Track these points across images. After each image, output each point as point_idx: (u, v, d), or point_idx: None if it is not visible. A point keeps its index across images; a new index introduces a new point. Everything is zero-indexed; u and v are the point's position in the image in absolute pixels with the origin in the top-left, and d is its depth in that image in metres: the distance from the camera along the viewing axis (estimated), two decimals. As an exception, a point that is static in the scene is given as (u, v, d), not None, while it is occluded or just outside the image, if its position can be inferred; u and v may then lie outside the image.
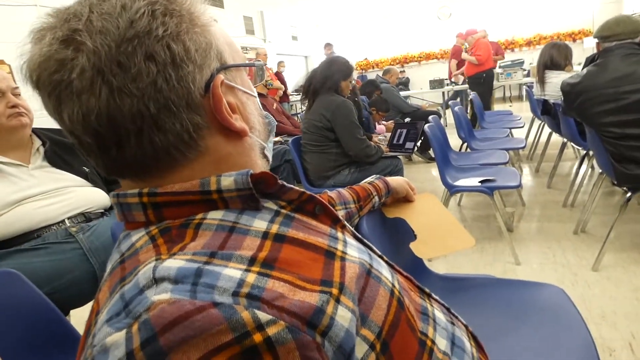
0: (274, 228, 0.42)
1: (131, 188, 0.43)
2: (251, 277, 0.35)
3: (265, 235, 0.41)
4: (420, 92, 7.81)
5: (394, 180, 1.02)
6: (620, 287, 1.77)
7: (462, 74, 6.21)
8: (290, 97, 7.80)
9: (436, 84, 6.77)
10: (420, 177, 4.00)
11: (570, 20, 9.06)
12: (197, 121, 0.42)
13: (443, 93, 6.80)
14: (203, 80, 0.42)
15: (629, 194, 1.87)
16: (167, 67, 0.39)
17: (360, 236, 0.52)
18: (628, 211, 2.20)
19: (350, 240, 0.49)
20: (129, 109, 0.38)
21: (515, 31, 8.89)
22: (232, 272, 0.34)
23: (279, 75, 7.12)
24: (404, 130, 2.73)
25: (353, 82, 2.42)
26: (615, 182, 1.92)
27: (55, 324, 0.75)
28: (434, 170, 4.05)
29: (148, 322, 0.30)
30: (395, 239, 1.03)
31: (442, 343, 0.48)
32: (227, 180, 0.42)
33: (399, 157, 2.54)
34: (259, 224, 0.42)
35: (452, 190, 2.18)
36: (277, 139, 3.68)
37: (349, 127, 2.25)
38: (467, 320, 1.05)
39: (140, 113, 0.39)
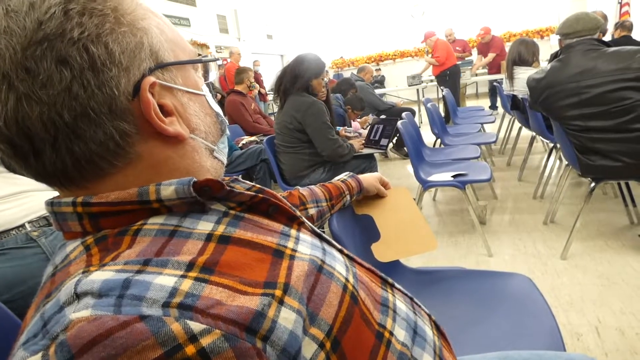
0: (220, 229, 0.41)
1: (65, 196, 0.41)
2: (186, 285, 0.33)
3: (209, 237, 0.39)
4: (396, 89, 7.90)
5: (365, 179, 1.01)
6: (586, 275, 1.83)
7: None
8: (267, 96, 7.76)
9: (414, 80, 6.85)
10: (396, 173, 4.05)
11: (538, 18, 9.43)
12: (123, 128, 0.39)
13: (417, 90, 6.88)
14: (130, 84, 0.38)
15: (592, 184, 1.94)
16: (85, 72, 0.36)
17: (318, 231, 0.52)
18: (593, 201, 2.29)
19: (305, 236, 0.48)
20: (39, 117, 0.35)
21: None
22: (164, 281, 0.32)
23: (256, 75, 7.08)
24: (381, 126, 2.74)
25: (326, 80, 2.39)
26: (580, 173, 1.99)
27: (16, 334, 0.73)
28: (409, 167, 4.10)
29: (65, 343, 0.28)
30: (365, 234, 1.04)
31: (401, 334, 0.48)
32: (168, 190, 0.40)
33: (374, 155, 2.54)
34: (204, 225, 0.41)
35: (425, 185, 2.21)
36: (253, 138, 3.66)
37: (320, 128, 2.22)
38: (438, 311, 1.07)
39: (53, 122, 0.36)
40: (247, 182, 0.52)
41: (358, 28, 11.15)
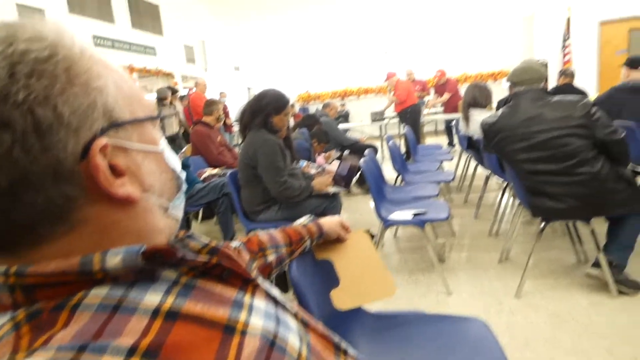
0: (169, 302, 0.38)
1: None
2: None
3: (155, 313, 0.37)
4: (360, 124, 8.12)
5: (326, 223, 1.01)
6: (539, 313, 1.89)
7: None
8: (233, 127, 7.75)
9: (377, 116, 7.07)
10: (358, 208, 4.09)
11: (492, 62, 10.18)
12: (68, 192, 0.36)
13: (380, 126, 7.10)
14: (80, 145, 0.37)
15: (542, 224, 2.04)
16: (28, 136, 0.34)
17: (273, 293, 0.51)
18: (543, 239, 2.40)
19: (259, 302, 0.46)
20: None
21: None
22: None
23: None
24: (349, 164, 2.67)
25: (288, 116, 2.38)
26: (532, 214, 2.09)
27: None
28: (371, 202, 4.16)
29: None
30: (325, 281, 1.03)
31: None
32: (114, 260, 0.37)
33: (338, 193, 2.52)
34: (152, 298, 0.38)
35: (386, 223, 2.25)
36: (216, 171, 3.62)
37: (268, 168, 2.19)
38: (397, 357, 1.07)
39: None
40: (203, 237, 0.50)
41: (324, 64, 11.52)
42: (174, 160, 0.49)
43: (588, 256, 2.35)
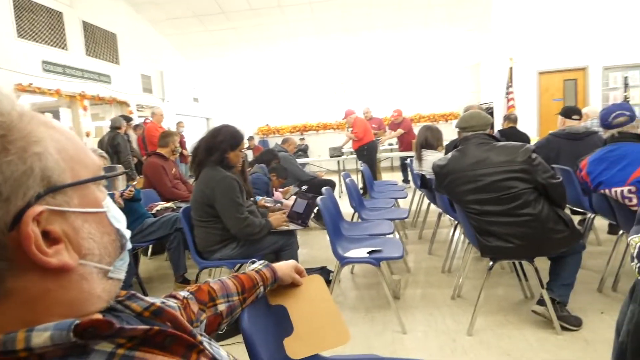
0: None
1: None
2: None
3: None
4: (319, 159, 8.22)
5: (280, 268, 0.99)
6: (490, 351, 1.93)
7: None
8: (189, 158, 7.59)
9: (335, 151, 7.20)
10: (316, 244, 4.07)
11: (443, 104, 10.88)
12: None
13: (339, 162, 7.22)
14: (10, 215, 0.35)
15: (491, 262, 2.12)
16: None
17: (219, 358, 0.48)
18: (492, 276, 2.48)
19: None
20: None
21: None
22: None
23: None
24: (305, 202, 2.69)
25: (244, 152, 2.36)
26: (480, 254, 2.17)
27: None
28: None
29: None
30: (279, 328, 1.00)
31: None
32: (41, 337, 0.34)
33: (294, 231, 2.50)
34: None
35: (342, 261, 2.25)
36: (169, 204, 3.49)
37: (228, 205, 2.14)
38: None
39: None
40: (145, 299, 0.48)
41: (284, 98, 11.73)
42: (119, 219, 0.46)
43: (534, 292, 2.45)
